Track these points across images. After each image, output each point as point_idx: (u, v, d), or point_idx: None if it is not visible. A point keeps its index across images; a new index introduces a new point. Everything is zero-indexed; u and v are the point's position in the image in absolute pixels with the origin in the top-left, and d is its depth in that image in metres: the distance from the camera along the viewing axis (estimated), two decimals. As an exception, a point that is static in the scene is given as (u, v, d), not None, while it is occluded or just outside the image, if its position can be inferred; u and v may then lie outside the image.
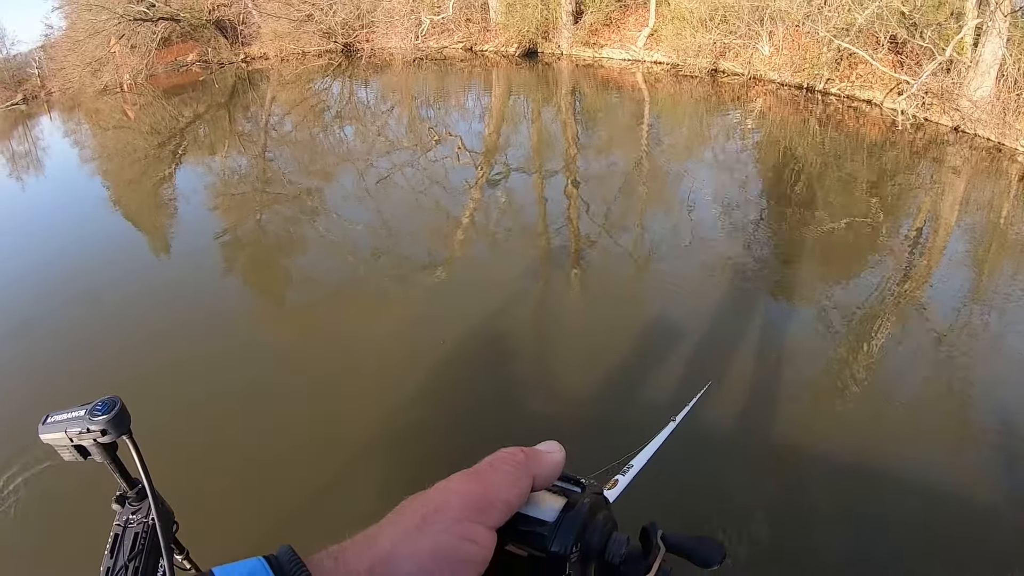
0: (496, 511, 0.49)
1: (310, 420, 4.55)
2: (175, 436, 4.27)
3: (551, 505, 0.53)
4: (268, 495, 3.85)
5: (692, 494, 3.90)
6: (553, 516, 0.52)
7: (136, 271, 7.50)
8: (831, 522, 3.81)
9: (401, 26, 17.35)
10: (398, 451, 4.23)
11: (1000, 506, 3.93)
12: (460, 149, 11.58)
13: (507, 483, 0.50)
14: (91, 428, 1.03)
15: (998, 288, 7.34)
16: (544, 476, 0.53)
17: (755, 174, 10.93)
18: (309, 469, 4.05)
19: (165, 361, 5.37)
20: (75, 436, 1.04)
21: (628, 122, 13.90)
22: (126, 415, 1.07)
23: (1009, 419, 4.69)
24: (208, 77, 18.67)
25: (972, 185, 10.95)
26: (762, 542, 3.62)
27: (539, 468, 0.53)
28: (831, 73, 14.29)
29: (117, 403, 1.06)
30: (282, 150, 12.80)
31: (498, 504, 0.49)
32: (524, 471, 0.52)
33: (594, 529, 0.53)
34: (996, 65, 12.10)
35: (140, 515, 1.19)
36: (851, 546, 3.64)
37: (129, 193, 10.78)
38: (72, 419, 1.04)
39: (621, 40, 16.71)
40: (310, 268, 7.34)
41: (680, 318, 5.93)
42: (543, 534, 0.51)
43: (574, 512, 0.52)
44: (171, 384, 4.99)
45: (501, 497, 0.49)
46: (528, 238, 7.91)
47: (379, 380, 4.98)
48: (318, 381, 5.01)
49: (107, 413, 1.04)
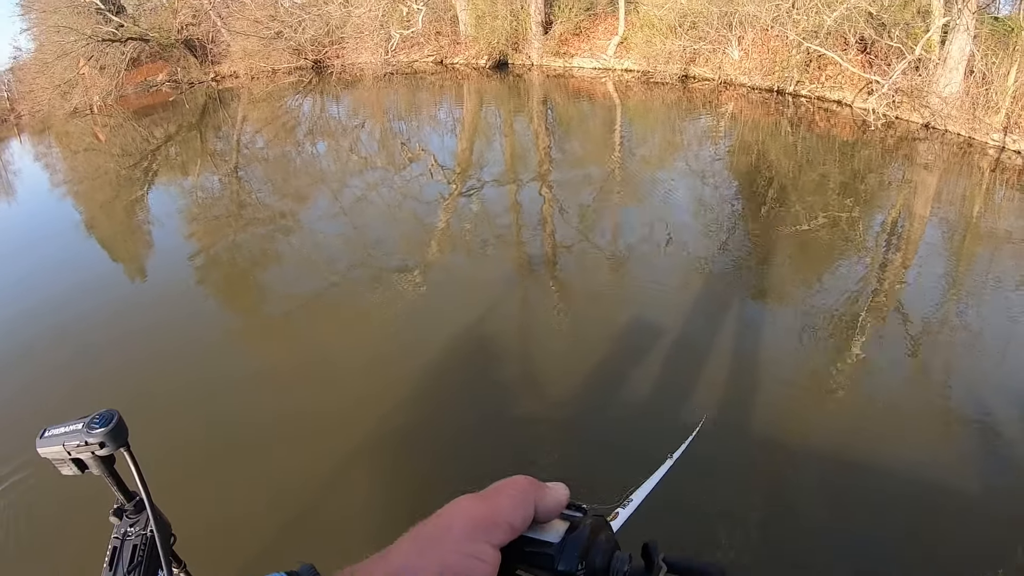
0: (500, 531, 0.51)
1: (296, 432, 4.52)
2: (160, 455, 4.06)
3: (556, 529, 0.55)
4: (257, 507, 3.82)
5: (679, 497, 3.76)
6: (558, 538, 0.55)
7: (110, 293, 7.28)
8: (819, 522, 3.81)
9: (371, 41, 17.24)
10: (383, 459, 4.26)
11: (987, 500, 3.93)
12: (433, 164, 11.41)
13: (511, 506, 0.53)
14: (89, 441, 1.04)
15: (975, 281, 7.29)
16: (547, 507, 0.55)
17: (729, 178, 10.82)
18: (298, 479, 4.04)
19: (146, 380, 5.29)
20: (73, 449, 1.05)
21: (601, 131, 13.80)
22: (124, 428, 1.07)
23: (992, 413, 4.70)
24: (178, 97, 18.46)
25: (944, 180, 10.88)
26: (750, 542, 3.61)
27: (543, 497, 0.55)
28: (801, 75, 14.22)
29: (115, 416, 1.06)
30: (255, 169, 12.57)
31: (503, 524, 0.52)
32: (528, 496, 0.54)
33: (597, 549, 0.55)
34: (964, 61, 12.03)
35: (138, 528, 1.19)
36: (841, 544, 3.64)
37: (101, 216, 10.50)
38: (70, 432, 1.05)
39: (591, 49, 16.64)
40: (286, 285, 7.18)
41: (658, 322, 5.89)
42: (549, 554, 0.54)
43: (577, 533, 0.55)
44: (153, 404, 4.89)
45: (506, 518, 0.52)
46: (504, 248, 7.82)
47: (362, 390, 4.95)
48: (301, 393, 4.97)
49: (105, 426, 1.04)
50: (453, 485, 4.02)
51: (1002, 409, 4.78)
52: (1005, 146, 11.39)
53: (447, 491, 0.57)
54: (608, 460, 4.12)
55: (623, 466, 3.93)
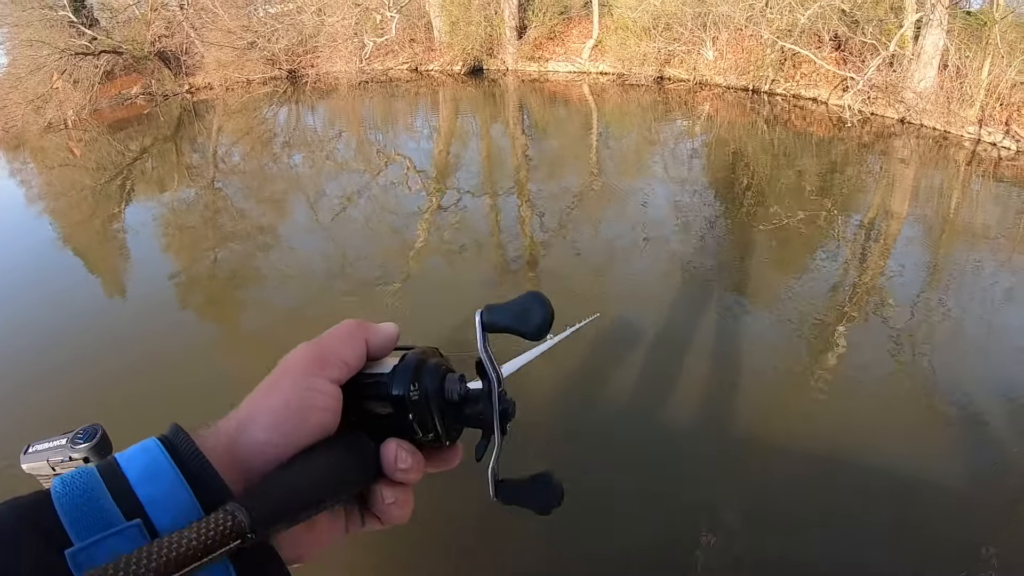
0: (334, 366, 0.55)
1: None
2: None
3: (390, 362, 0.58)
4: None
5: (663, 497, 3.93)
6: (390, 368, 0.57)
7: (87, 309, 7.16)
8: (806, 516, 3.83)
9: (345, 49, 17.08)
10: None
11: (970, 489, 4.01)
12: (410, 170, 11.29)
13: (341, 344, 0.57)
14: (73, 456, 1.00)
15: (953, 273, 7.38)
16: (378, 342, 0.59)
17: (707, 177, 10.77)
18: None
19: (125, 395, 5.23)
20: (57, 465, 1.01)
21: (577, 133, 13.69)
22: (108, 442, 1.01)
23: (973, 403, 4.78)
24: (153, 109, 18.23)
25: (922, 174, 10.88)
26: (737, 540, 3.61)
27: (372, 335, 0.59)
28: (776, 74, 14.12)
29: (99, 431, 1.01)
30: (232, 182, 12.35)
31: (335, 360, 0.55)
32: (356, 334, 0.58)
33: (428, 372, 0.58)
34: (938, 56, 11.98)
35: None
36: (827, 538, 3.68)
37: (78, 232, 10.28)
38: (54, 448, 1.01)
39: (566, 53, 16.53)
40: (264, 297, 7.13)
41: (638, 320, 5.92)
42: (383, 382, 0.57)
43: (407, 360, 0.58)
44: (133, 419, 4.68)
45: (336, 354, 0.56)
46: (483, 251, 7.84)
47: None
48: None
49: (89, 441, 0.99)
50: (435, 490, 4.03)
51: (983, 398, 4.86)
52: (980, 139, 11.31)
53: (428, 496, 0.63)
54: (595, 461, 4.13)
55: (609, 468, 4.00)
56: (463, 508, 3.70)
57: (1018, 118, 11.11)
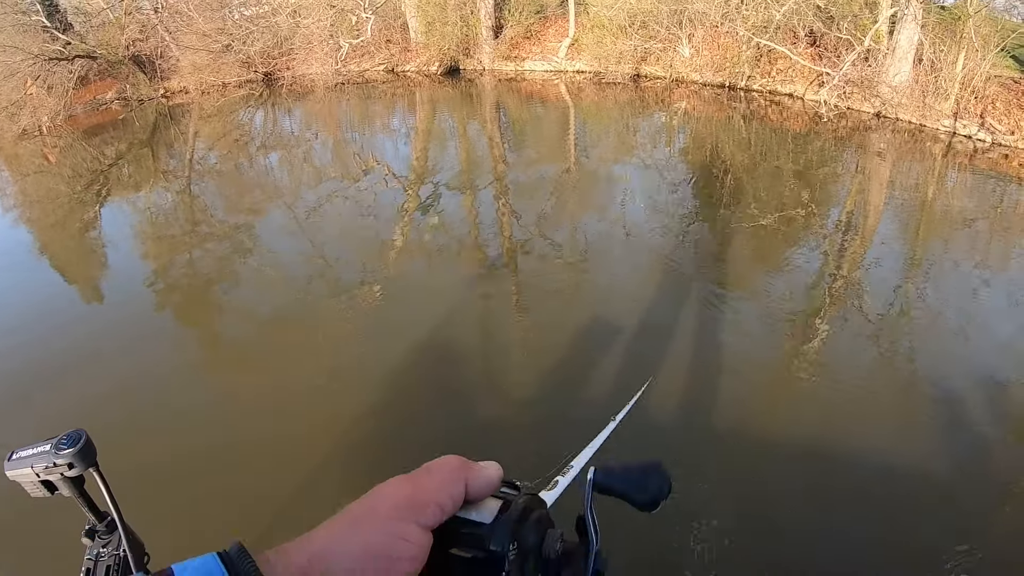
0: (428, 512, 0.51)
1: (263, 443, 4.52)
2: (127, 472, 3.93)
3: (489, 508, 0.55)
4: (227, 520, 3.85)
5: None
6: (490, 518, 0.55)
7: (65, 316, 7.00)
8: (793, 507, 3.84)
9: (320, 51, 16.89)
10: (352, 464, 4.27)
11: (953, 476, 4.04)
12: (388, 173, 11.18)
13: (439, 486, 0.53)
14: (57, 462, 1.03)
15: (932, 263, 7.43)
16: (479, 486, 0.56)
17: (684, 174, 10.67)
18: (268, 490, 4.05)
19: (105, 402, 5.18)
20: (41, 471, 1.04)
21: (555, 132, 13.59)
22: (92, 448, 1.05)
23: (954, 391, 4.83)
24: (128, 115, 18.03)
25: (898, 167, 10.88)
26: (721, 538, 3.59)
27: (473, 477, 0.55)
28: (752, 70, 14.05)
29: (83, 436, 1.04)
30: (209, 186, 12.20)
31: (430, 505, 0.52)
32: (458, 476, 0.54)
33: (529, 528, 0.55)
34: (912, 50, 11.95)
35: (111, 548, 1.18)
36: (815, 530, 3.69)
37: (54, 239, 10.12)
38: (38, 454, 1.03)
39: (542, 52, 16.43)
40: (244, 302, 7.05)
41: (620, 317, 5.91)
42: (481, 535, 0.54)
43: (509, 512, 0.55)
44: (114, 424, 4.82)
45: (432, 499, 0.52)
46: (464, 251, 7.80)
47: (326, 397, 4.95)
48: (264, 409, 4.93)
49: (73, 446, 1.02)
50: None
51: (965, 387, 4.90)
52: (956, 131, 11.29)
53: None
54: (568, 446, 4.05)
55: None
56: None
57: (992, 111, 11.06)
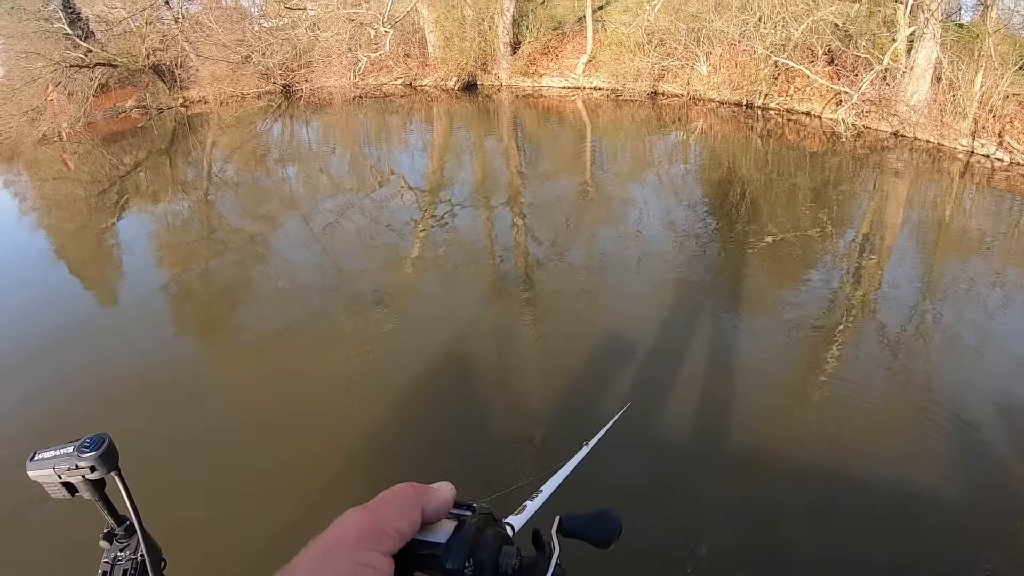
0: (388, 539, 0.53)
1: (279, 454, 4.55)
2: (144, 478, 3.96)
3: (445, 529, 0.58)
4: (244, 529, 3.87)
5: (664, 507, 3.90)
6: (446, 538, 0.57)
7: (85, 321, 7.03)
8: (807, 526, 3.81)
9: (339, 65, 17.08)
10: (366, 478, 4.27)
11: (969, 500, 3.97)
12: (404, 187, 11.19)
13: (397, 514, 0.55)
14: (79, 465, 1.04)
15: (948, 283, 7.31)
16: (434, 508, 0.58)
17: (701, 192, 10.64)
18: (283, 501, 4.06)
19: (128, 404, 5.24)
20: (63, 473, 1.05)
21: (572, 149, 13.62)
22: (114, 452, 1.06)
23: (970, 412, 4.73)
24: (147, 123, 18.20)
25: (915, 186, 10.80)
26: (731, 554, 3.58)
27: (428, 501, 0.57)
28: (770, 88, 14.09)
29: (106, 440, 1.05)
30: (225, 196, 12.26)
31: (390, 532, 0.53)
32: (413, 502, 0.56)
33: (484, 545, 0.58)
34: (931, 69, 11.95)
35: (128, 552, 1.19)
36: (829, 548, 3.64)
37: (72, 244, 10.18)
38: (60, 456, 1.04)
39: (560, 68, 16.54)
40: (259, 312, 7.05)
41: (634, 338, 5.84)
42: (438, 555, 0.56)
43: (463, 531, 0.57)
44: (136, 428, 4.87)
45: (392, 526, 0.54)
46: (479, 268, 7.75)
47: (342, 411, 4.94)
48: (283, 416, 4.96)
49: (95, 450, 1.03)
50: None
51: (981, 409, 4.79)
52: (974, 150, 11.24)
53: None
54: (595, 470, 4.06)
55: (612, 474, 3.85)
56: None
57: (1011, 130, 11.04)
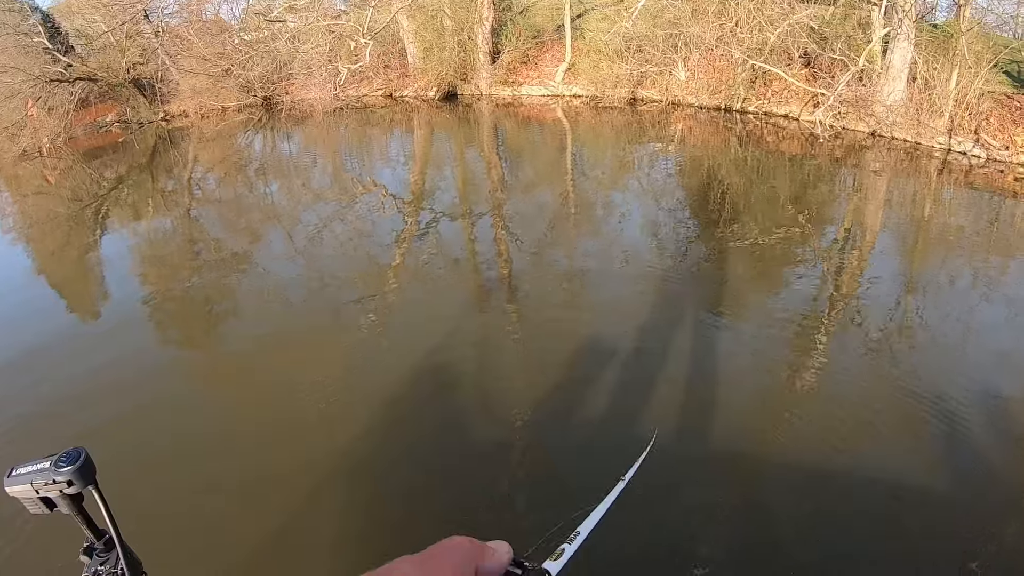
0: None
1: (263, 464, 4.46)
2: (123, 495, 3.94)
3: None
4: (225, 542, 3.80)
5: (651, 507, 3.85)
6: None
7: (62, 336, 6.89)
8: (795, 524, 3.78)
9: (319, 76, 17.07)
10: (349, 487, 4.25)
11: (958, 493, 3.98)
12: (386, 196, 11.11)
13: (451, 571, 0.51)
14: (57, 479, 1.04)
15: (929, 280, 7.35)
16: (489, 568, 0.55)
17: (682, 196, 10.63)
18: (267, 510, 4.00)
19: (109, 418, 5.10)
20: (41, 488, 1.05)
21: (552, 156, 13.58)
22: (91, 465, 1.06)
23: (954, 406, 4.74)
24: (128, 137, 18.10)
25: (894, 185, 10.84)
26: (720, 556, 3.55)
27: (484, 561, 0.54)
28: (748, 92, 14.10)
29: (82, 454, 1.06)
30: (207, 210, 12.14)
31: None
32: (468, 560, 0.53)
33: None
34: (906, 69, 11.97)
35: (108, 566, 1.18)
36: (818, 546, 3.64)
37: (53, 261, 10.04)
38: (38, 471, 1.04)
39: (539, 77, 16.55)
40: (242, 325, 6.96)
41: (618, 342, 5.79)
42: None
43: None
44: (116, 441, 4.82)
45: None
46: (461, 275, 7.73)
47: (325, 421, 4.87)
48: (264, 426, 4.89)
49: (72, 464, 1.04)
50: (416, 516, 3.77)
51: (965, 402, 4.80)
52: (951, 148, 11.23)
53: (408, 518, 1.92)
54: (571, 491, 3.99)
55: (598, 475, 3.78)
56: None
57: (987, 127, 11.02)
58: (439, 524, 3.68)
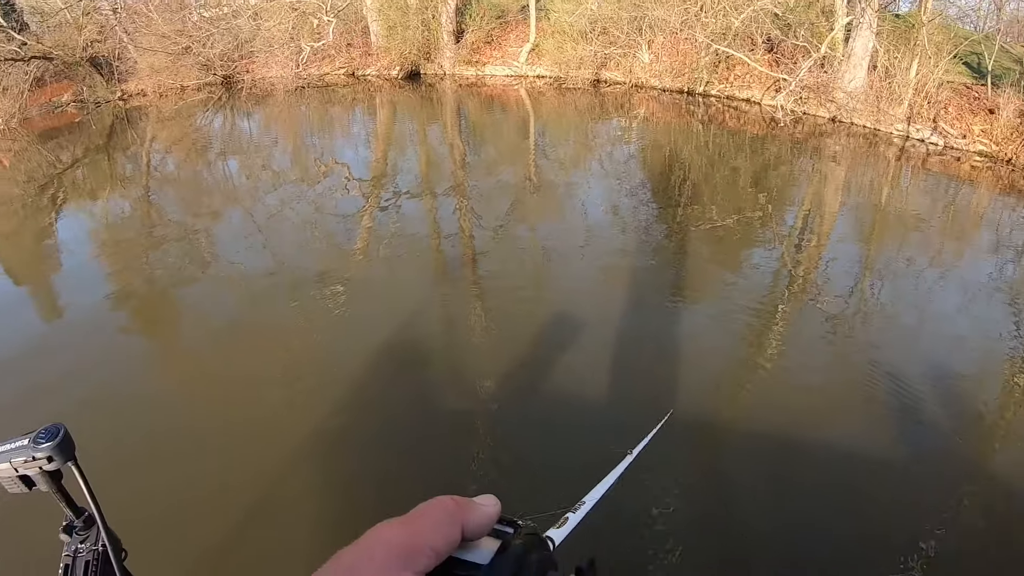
0: (422, 557, 0.48)
1: (228, 449, 4.41)
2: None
3: (486, 548, 0.53)
4: (195, 530, 3.71)
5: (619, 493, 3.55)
6: (487, 559, 0.52)
7: (20, 326, 6.65)
8: (755, 496, 3.84)
9: (281, 55, 16.68)
10: (318, 471, 4.22)
11: (913, 468, 4.07)
12: (349, 177, 10.90)
13: (433, 529, 0.50)
14: (36, 456, 1.03)
15: (886, 263, 7.49)
16: (475, 525, 0.53)
17: (643, 178, 10.58)
18: (234, 497, 3.95)
19: (70, 414, 4.81)
20: (20, 466, 1.04)
21: (515, 137, 13.42)
22: (70, 441, 1.06)
23: (911, 386, 4.85)
24: (85, 118, 17.65)
25: (853, 170, 10.92)
26: (682, 536, 3.54)
27: (469, 517, 0.53)
28: (711, 76, 14.00)
29: (61, 430, 1.06)
30: (165, 191, 11.87)
31: (424, 549, 0.49)
32: (453, 518, 0.51)
33: (528, 570, 0.53)
34: (867, 57, 11.96)
35: (89, 543, 1.18)
36: (778, 516, 3.70)
37: (7, 246, 9.77)
38: (16, 448, 1.04)
39: (503, 57, 16.31)
40: (204, 305, 6.82)
41: (580, 322, 5.82)
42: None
43: (507, 554, 0.53)
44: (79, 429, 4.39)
45: (427, 543, 0.49)
46: (424, 255, 7.62)
47: (290, 403, 4.82)
48: (231, 410, 4.82)
49: (52, 439, 1.03)
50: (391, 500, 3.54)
51: (921, 382, 4.93)
52: (909, 135, 11.27)
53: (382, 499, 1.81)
54: (539, 463, 4.08)
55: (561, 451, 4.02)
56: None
57: (945, 115, 11.04)
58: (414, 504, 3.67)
